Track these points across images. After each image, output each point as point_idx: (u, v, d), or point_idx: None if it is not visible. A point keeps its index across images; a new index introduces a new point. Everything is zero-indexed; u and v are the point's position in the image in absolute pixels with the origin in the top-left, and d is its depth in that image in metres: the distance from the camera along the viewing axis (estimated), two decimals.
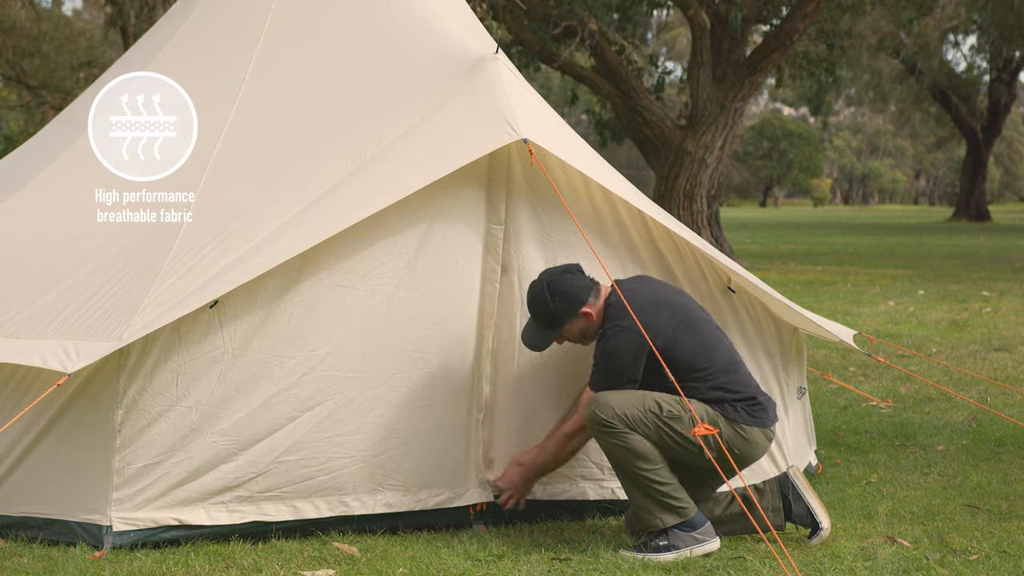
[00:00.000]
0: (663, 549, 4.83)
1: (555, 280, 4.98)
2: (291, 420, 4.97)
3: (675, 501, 4.85)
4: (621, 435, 4.80)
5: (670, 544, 4.84)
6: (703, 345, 4.96)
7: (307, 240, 4.89)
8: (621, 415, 4.80)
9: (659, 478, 4.83)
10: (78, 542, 4.80)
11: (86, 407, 4.85)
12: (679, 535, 4.85)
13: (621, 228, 5.48)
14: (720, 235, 22.16)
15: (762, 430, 4.99)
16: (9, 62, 29.87)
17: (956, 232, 39.86)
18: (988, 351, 10.91)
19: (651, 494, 4.85)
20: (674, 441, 4.85)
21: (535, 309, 5.03)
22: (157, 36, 6.41)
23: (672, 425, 4.83)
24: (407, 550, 4.90)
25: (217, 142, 5.46)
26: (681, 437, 4.84)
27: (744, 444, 4.95)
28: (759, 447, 4.99)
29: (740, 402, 4.95)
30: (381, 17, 5.89)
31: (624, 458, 4.83)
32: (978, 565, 4.77)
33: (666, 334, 4.90)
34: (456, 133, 5.21)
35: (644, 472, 4.82)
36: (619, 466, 4.88)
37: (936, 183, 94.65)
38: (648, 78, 24.21)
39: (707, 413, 4.89)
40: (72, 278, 5.12)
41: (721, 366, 4.97)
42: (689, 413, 4.83)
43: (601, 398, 4.86)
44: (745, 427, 4.94)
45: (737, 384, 4.98)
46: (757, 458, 5.03)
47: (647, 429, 4.82)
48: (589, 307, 5.00)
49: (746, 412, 4.95)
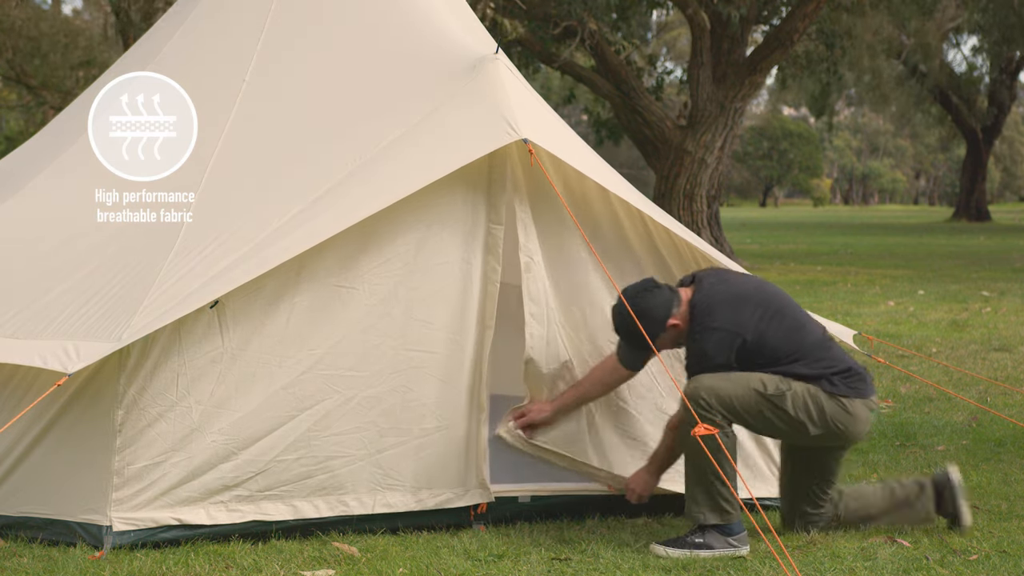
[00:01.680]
0: (698, 546, 4.87)
1: (635, 304, 5.02)
2: (290, 419, 4.97)
3: (725, 504, 4.88)
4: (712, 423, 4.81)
5: (706, 543, 4.87)
6: (791, 330, 5.02)
7: (307, 240, 4.89)
8: (724, 397, 4.87)
9: (727, 473, 4.86)
10: (78, 542, 4.80)
11: (86, 407, 4.85)
12: (716, 537, 4.88)
13: (621, 228, 5.48)
14: (720, 235, 22.16)
15: (863, 401, 5.03)
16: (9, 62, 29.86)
17: (956, 232, 39.86)
18: (988, 351, 10.91)
19: (708, 488, 4.88)
20: (778, 419, 4.93)
21: (625, 333, 5.07)
22: (157, 36, 6.40)
23: (775, 403, 4.91)
24: (407, 550, 4.90)
25: (217, 142, 5.46)
26: (785, 414, 4.92)
27: (847, 417, 4.99)
28: (861, 420, 5.03)
29: (837, 375, 5.00)
30: (381, 17, 5.88)
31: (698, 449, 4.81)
32: (978, 565, 4.77)
33: (752, 327, 4.96)
34: (456, 133, 5.21)
35: (711, 468, 4.81)
36: (691, 456, 4.90)
37: (936, 183, 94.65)
38: (648, 78, 24.21)
39: (807, 392, 4.94)
40: (72, 278, 5.12)
41: (812, 346, 5.03)
42: (792, 390, 4.91)
43: (707, 381, 4.90)
44: (845, 400, 4.99)
45: (831, 359, 5.03)
46: (861, 433, 5.06)
47: (750, 409, 4.89)
48: (675, 318, 5.05)
49: (844, 384, 4.99)
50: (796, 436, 5.01)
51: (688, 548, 4.86)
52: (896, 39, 38.49)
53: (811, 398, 4.95)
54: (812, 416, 4.93)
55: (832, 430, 4.98)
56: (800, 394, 4.94)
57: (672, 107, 29.57)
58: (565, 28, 20.56)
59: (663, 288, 5.08)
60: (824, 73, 24.04)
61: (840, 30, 22.82)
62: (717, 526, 4.88)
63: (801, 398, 4.94)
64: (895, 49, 39.46)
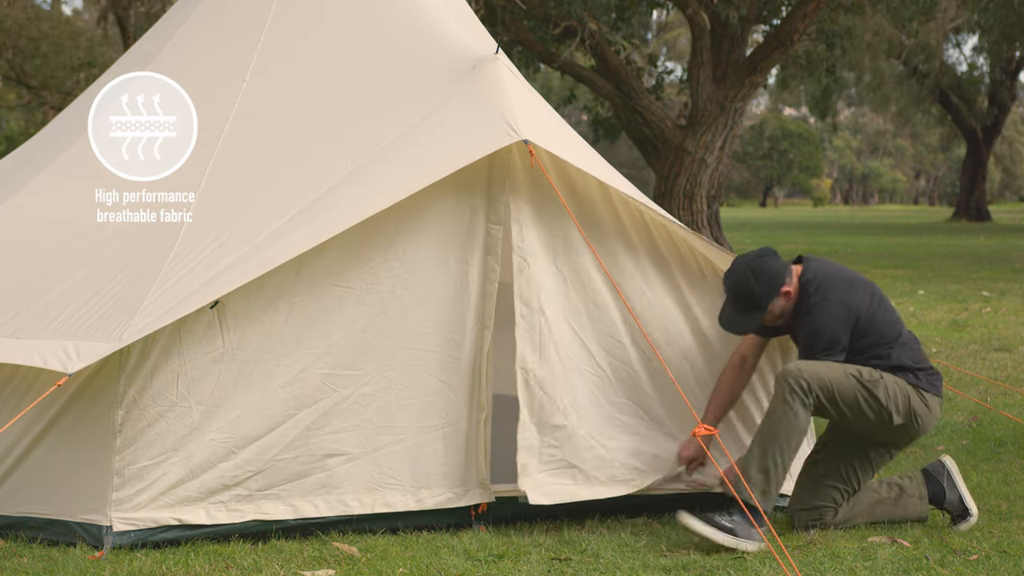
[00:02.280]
0: (725, 530, 4.93)
1: (756, 263, 5.19)
2: (288, 418, 4.98)
3: (773, 488, 5.02)
4: (799, 406, 5.00)
5: (734, 529, 4.94)
6: (892, 320, 5.24)
7: (307, 241, 4.89)
8: (824, 382, 5.02)
9: (787, 457, 5.01)
10: (78, 542, 4.81)
11: (86, 407, 4.85)
12: (742, 524, 4.94)
13: (621, 228, 5.48)
14: (720, 235, 22.14)
15: (939, 399, 5.27)
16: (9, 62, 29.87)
17: (956, 232, 39.85)
18: (988, 351, 10.91)
19: (768, 468, 4.99)
20: (869, 406, 5.09)
21: (739, 293, 5.19)
22: (157, 36, 6.41)
23: (871, 389, 5.09)
24: (407, 550, 4.90)
25: (217, 142, 5.46)
26: (876, 401, 5.09)
27: (925, 412, 5.20)
28: (934, 416, 5.27)
29: (922, 370, 5.22)
30: (381, 17, 5.89)
31: (782, 423, 4.99)
32: (978, 565, 4.77)
33: (863, 308, 5.16)
34: (456, 134, 5.21)
35: (782, 444, 4.98)
36: (773, 426, 5.01)
37: (936, 183, 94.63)
38: (648, 78, 24.20)
39: (896, 383, 5.14)
40: (72, 278, 5.12)
41: (906, 339, 5.26)
42: (883, 379, 5.10)
43: (808, 365, 5.05)
44: (927, 394, 5.20)
45: (919, 355, 5.27)
46: (928, 429, 5.26)
47: (846, 394, 5.04)
48: (788, 286, 5.20)
49: (927, 380, 5.22)
50: (880, 425, 5.16)
51: (716, 528, 4.93)
52: (896, 39, 38.48)
53: (900, 389, 5.15)
54: (899, 406, 5.14)
55: (911, 423, 5.18)
56: (891, 384, 5.14)
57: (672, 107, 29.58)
58: (565, 28, 20.55)
59: (779, 257, 5.24)
60: (824, 74, 24.03)
61: (840, 30, 22.80)
62: (754, 510, 4.95)
63: (892, 388, 5.14)
64: (895, 49, 39.45)
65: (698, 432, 5.17)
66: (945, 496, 5.37)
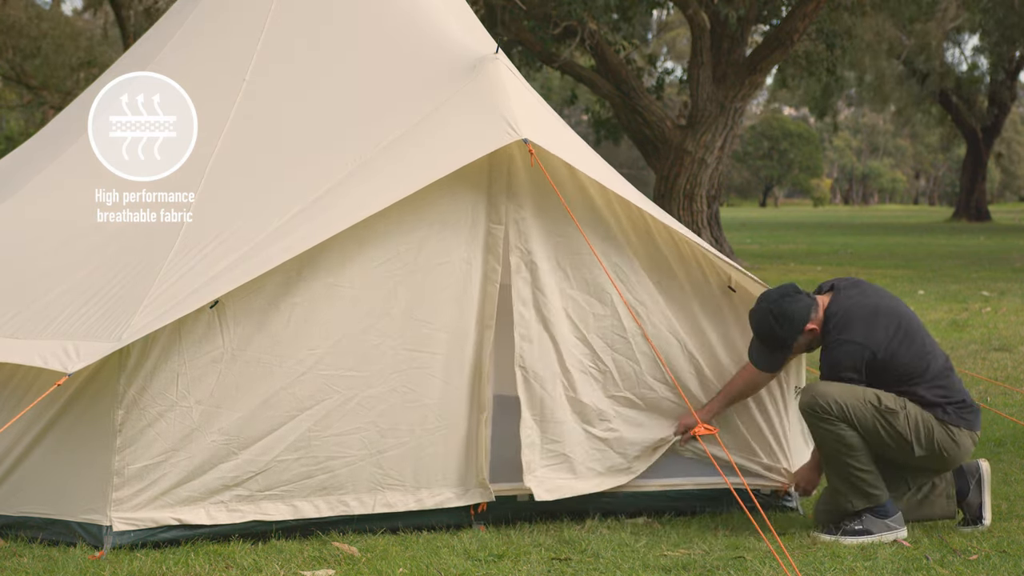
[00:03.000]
0: (859, 533, 5.09)
1: (777, 307, 5.24)
2: (289, 419, 4.97)
3: (870, 488, 5.11)
4: (834, 423, 5.07)
5: (864, 528, 5.11)
6: (919, 354, 5.21)
7: (307, 240, 4.89)
8: (840, 404, 5.06)
9: (860, 465, 5.12)
10: (78, 542, 4.80)
11: (86, 407, 4.85)
12: (873, 520, 5.11)
13: (621, 228, 5.48)
14: (720, 235, 22.15)
15: (969, 432, 5.23)
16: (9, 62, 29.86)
17: (956, 232, 39.85)
18: (988, 351, 10.91)
19: (849, 479, 5.11)
20: (888, 435, 5.12)
21: (763, 336, 5.29)
22: (157, 36, 6.40)
23: (888, 419, 5.11)
24: (407, 550, 4.90)
25: (217, 142, 5.46)
26: (895, 431, 5.11)
27: (952, 446, 5.18)
28: (964, 449, 5.23)
29: (951, 405, 5.19)
30: (381, 17, 5.88)
31: (832, 445, 5.11)
32: (978, 565, 4.77)
33: (885, 344, 5.15)
34: (456, 133, 5.21)
35: (848, 459, 5.10)
36: (827, 450, 5.14)
37: (936, 183, 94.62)
38: (648, 78, 24.21)
39: (920, 415, 5.14)
40: (72, 278, 5.12)
41: (936, 372, 5.22)
42: (906, 410, 5.11)
43: (821, 387, 5.14)
44: (954, 428, 5.18)
45: (950, 388, 5.23)
46: (961, 460, 5.27)
47: (863, 420, 5.07)
48: (812, 323, 5.25)
49: (956, 414, 5.19)
50: (901, 454, 5.17)
51: (851, 535, 5.07)
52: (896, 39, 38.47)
53: (923, 422, 5.14)
54: (920, 438, 5.13)
55: (936, 455, 5.17)
56: (913, 415, 5.13)
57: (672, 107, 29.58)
58: (565, 28, 20.56)
59: (803, 294, 5.27)
60: (823, 74, 24.03)
61: (840, 30, 22.80)
62: (870, 509, 5.09)
63: (914, 419, 5.13)
64: (895, 49, 39.44)
65: (698, 432, 5.19)
66: (968, 495, 5.34)
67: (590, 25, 20.24)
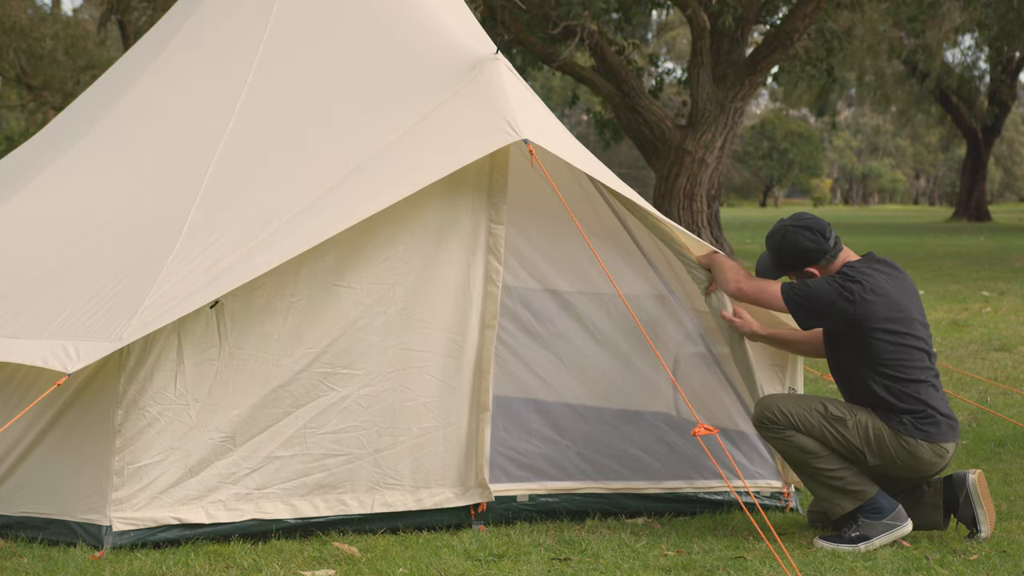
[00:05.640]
0: (856, 540, 4.99)
1: (792, 232, 5.16)
2: (286, 416, 4.98)
3: (851, 486, 5.03)
4: (784, 433, 5.02)
5: (862, 535, 5.01)
6: (900, 354, 5.03)
7: (308, 240, 4.89)
8: (785, 413, 5.02)
9: (829, 466, 5.03)
10: (78, 542, 4.80)
11: (86, 407, 4.85)
12: (869, 524, 5.00)
13: (621, 228, 5.49)
14: (720, 235, 22.15)
15: (929, 444, 5.03)
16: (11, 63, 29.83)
17: (956, 232, 39.83)
18: (988, 351, 10.90)
19: (826, 483, 5.04)
20: (838, 442, 5.03)
21: (769, 245, 5.26)
22: (157, 38, 6.40)
23: (836, 426, 5.03)
24: (407, 550, 4.90)
25: (219, 143, 5.46)
26: (844, 439, 5.02)
27: (907, 456, 5.04)
28: (924, 461, 5.05)
29: (908, 415, 5.02)
30: (382, 18, 5.88)
31: (792, 454, 5.08)
32: (978, 565, 4.77)
33: (873, 321, 5.00)
34: (456, 133, 5.21)
35: (814, 464, 5.02)
36: (791, 461, 5.11)
37: (936, 183, 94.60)
38: (648, 78, 24.21)
39: (871, 423, 5.03)
40: (73, 278, 5.12)
41: (906, 379, 5.03)
42: (856, 418, 5.01)
43: (766, 399, 5.13)
44: (909, 439, 5.02)
45: (912, 398, 5.03)
46: (925, 472, 5.10)
47: (811, 427, 5.01)
48: (815, 268, 5.16)
49: (913, 425, 5.02)
50: (856, 461, 5.07)
51: (849, 543, 4.99)
52: (896, 39, 38.47)
53: (873, 430, 5.02)
54: (871, 447, 5.02)
55: (893, 463, 5.04)
56: (863, 423, 5.03)
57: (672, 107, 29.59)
58: (565, 28, 20.56)
59: (827, 239, 5.13)
60: (822, 75, 24.03)
61: (840, 30, 22.80)
62: (863, 510, 4.99)
63: (863, 427, 5.02)
64: (895, 49, 39.44)
65: (698, 432, 5.17)
66: (958, 508, 5.18)
67: (590, 25, 20.24)
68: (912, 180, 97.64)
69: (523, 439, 5.40)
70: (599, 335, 5.49)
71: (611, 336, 5.49)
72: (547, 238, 5.42)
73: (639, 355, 5.49)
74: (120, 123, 5.94)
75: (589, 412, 5.50)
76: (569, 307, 5.47)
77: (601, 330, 5.49)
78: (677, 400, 5.56)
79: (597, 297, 5.47)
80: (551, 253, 5.42)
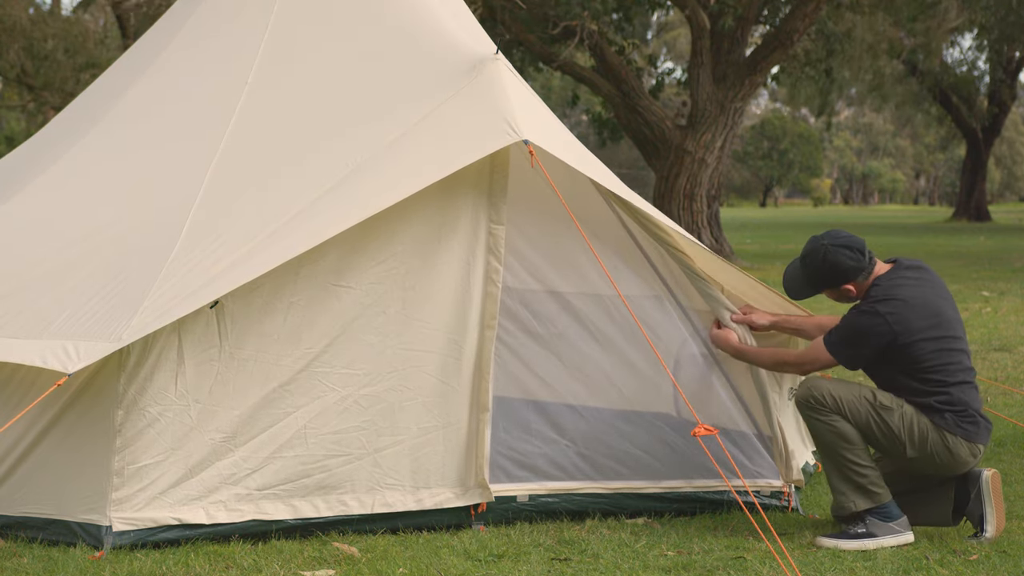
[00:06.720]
0: (861, 536, 5.02)
1: (833, 250, 5.20)
2: (286, 416, 4.98)
3: (871, 486, 5.05)
4: (829, 416, 5.03)
5: (868, 532, 5.04)
6: (942, 357, 5.09)
7: (308, 241, 4.89)
8: (835, 398, 5.04)
9: (859, 460, 5.05)
10: (78, 542, 4.81)
11: (86, 407, 4.85)
12: (877, 523, 5.04)
13: (621, 229, 5.49)
14: (720, 235, 22.15)
15: (968, 444, 5.10)
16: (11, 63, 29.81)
17: (956, 232, 39.83)
18: (988, 351, 10.90)
19: (849, 476, 5.05)
20: (880, 431, 5.06)
21: (806, 263, 5.27)
22: (157, 38, 6.40)
23: (883, 415, 5.05)
24: (407, 550, 4.90)
25: (219, 143, 5.46)
26: (888, 428, 5.04)
27: (946, 452, 5.09)
28: (960, 459, 5.11)
29: (951, 413, 5.08)
30: (382, 19, 5.89)
31: (829, 439, 5.05)
32: (978, 565, 4.77)
33: (913, 334, 5.06)
34: (456, 134, 5.21)
35: (845, 453, 5.03)
36: (823, 446, 5.10)
37: (936, 183, 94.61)
38: (648, 78, 24.21)
39: (916, 417, 5.06)
40: (73, 278, 5.12)
41: (951, 380, 5.10)
42: (902, 410, 5.05)
43: (816, 381, 5.12)
44: (950, 436, 5.07)
45: (957, 397, 5.10)
46: (957, 470, 5.16)
47: (857, 414, 5.03)
48: (852, 284, 5.20)
49: (955, 422, 5.07)
50: (894, 452, 5.10)
51: (854, 539, 5.01)
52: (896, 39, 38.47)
53: (918, 423, 5.06)
54: (914, 439, 5.05)
55: (929, 458, 5.08)
56: (909, 416, 5.06)
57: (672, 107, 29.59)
58: (565, 28, 20.56)
59: (864, 256, 5.18)
60: (821, 75, 24.03)
61: (840, 30, 22.81)
62: (873, 511, 5.02)
63: (909, 419, 5.06)
64: (895, 49, 39.44)
65: (698, 432, 5.16)
66: (967, 504, 5.19)
67: (590, 25, 20.25)
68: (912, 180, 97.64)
69: (523, 439, 5.40)
70: (599, 335, 5.49)
71: (611, 336, 5.49)
72: (547, 238, 5.43)
73: (639, 355, 5.49)
74: (120, 124, 5.94)
75: (589, 412, 5.50)
76: (569, 307, 5.47)
77: (601, 330, 5.49)
78: (677, 400, 5.56)
79: (597, 297, 5.47)
80: (551, 253, 5.43)
